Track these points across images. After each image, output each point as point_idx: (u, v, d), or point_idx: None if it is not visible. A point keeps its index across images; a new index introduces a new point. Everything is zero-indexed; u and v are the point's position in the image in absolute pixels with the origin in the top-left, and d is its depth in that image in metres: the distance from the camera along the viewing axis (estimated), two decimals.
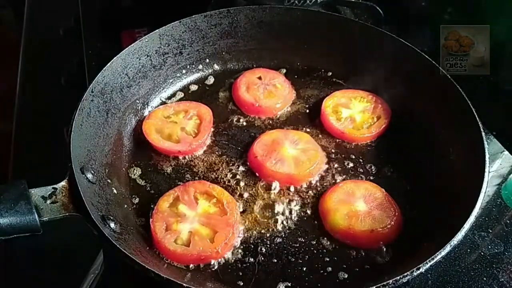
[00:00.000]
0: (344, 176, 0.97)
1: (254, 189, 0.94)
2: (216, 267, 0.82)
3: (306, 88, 1.15)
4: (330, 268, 0.83)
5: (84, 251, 0.89)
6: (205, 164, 0.99)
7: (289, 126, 1.07)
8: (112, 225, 0.79)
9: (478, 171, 0.82)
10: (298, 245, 0.86)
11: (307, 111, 1.11)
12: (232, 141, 1.04)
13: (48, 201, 0.74)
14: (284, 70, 1.18)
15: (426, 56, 1.02)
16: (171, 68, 1.12)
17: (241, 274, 0.82)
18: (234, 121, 1.08)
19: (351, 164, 0.99)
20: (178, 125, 1.02)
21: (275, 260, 0.84)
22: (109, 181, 0.90)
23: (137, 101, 1.06)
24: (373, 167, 0.99)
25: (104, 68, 0.97)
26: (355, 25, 1.12)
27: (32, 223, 0.71)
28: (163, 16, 1.10)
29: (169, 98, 1.12)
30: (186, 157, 1.00)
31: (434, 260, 0.71)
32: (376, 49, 1.08)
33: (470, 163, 0.86)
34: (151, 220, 0.85)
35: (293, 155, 0.97)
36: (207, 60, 1.17)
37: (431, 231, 0.84)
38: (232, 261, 0.84)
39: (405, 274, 0.70)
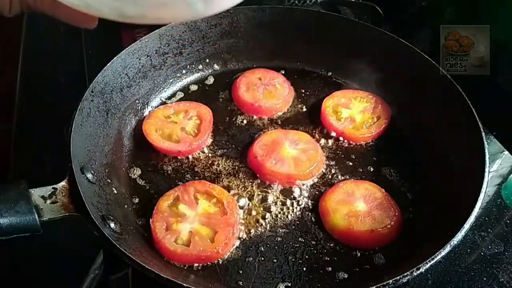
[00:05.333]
0: (344, 176, 0.97)
1: (254, 189, 0.94)
2: (216, 267, 0.83)
3: (306, 88, 1.15)
4: (329, 268, 0.83)
5: (84, 251, 0.89)
6: (205, 164, 0.99)
7: (289, 126, 1.07)
8: (112, 225, 0.79)
9: (478, 171, 0.82)
10: (298, 245, 0.86)
11: (307, 111, 1.11)
12: (232, 141, 1.04)
13: (48, 201, 0.74)
14: (284, 71, 1.18)
15: (426, 56, 1.02)
16: (171, 68, 1.12)
17: (241, 274, 0.82)
18: (234, 121, 1.08)
19: (351, 164, 0.99)
20: (178, 125, 1.02)
21: (275, 260, 0.84)
22: (109, 181, 0.90)
23: (137, 101, 1.06)
24: (373, 167, 0.99)
25: (104, 68, 0.97)
26: (355, 25, 1.12)
27: (32, 223, 0.71)
28: None
29: (169, 98, 1.12)
30: (186, 157, 1.00)
31: (434, 260, 0.71)
32: (376, 49, 1.08)
33: (470, 163, 0.86)
34: (151, 220, 0.85)
35: (293, 155, 0.97)
36: (207, 60, 1.17)
37: (431, 231, 0.84)
38: (232, 261, 0.84)
39: (405, 274, 0.70)
